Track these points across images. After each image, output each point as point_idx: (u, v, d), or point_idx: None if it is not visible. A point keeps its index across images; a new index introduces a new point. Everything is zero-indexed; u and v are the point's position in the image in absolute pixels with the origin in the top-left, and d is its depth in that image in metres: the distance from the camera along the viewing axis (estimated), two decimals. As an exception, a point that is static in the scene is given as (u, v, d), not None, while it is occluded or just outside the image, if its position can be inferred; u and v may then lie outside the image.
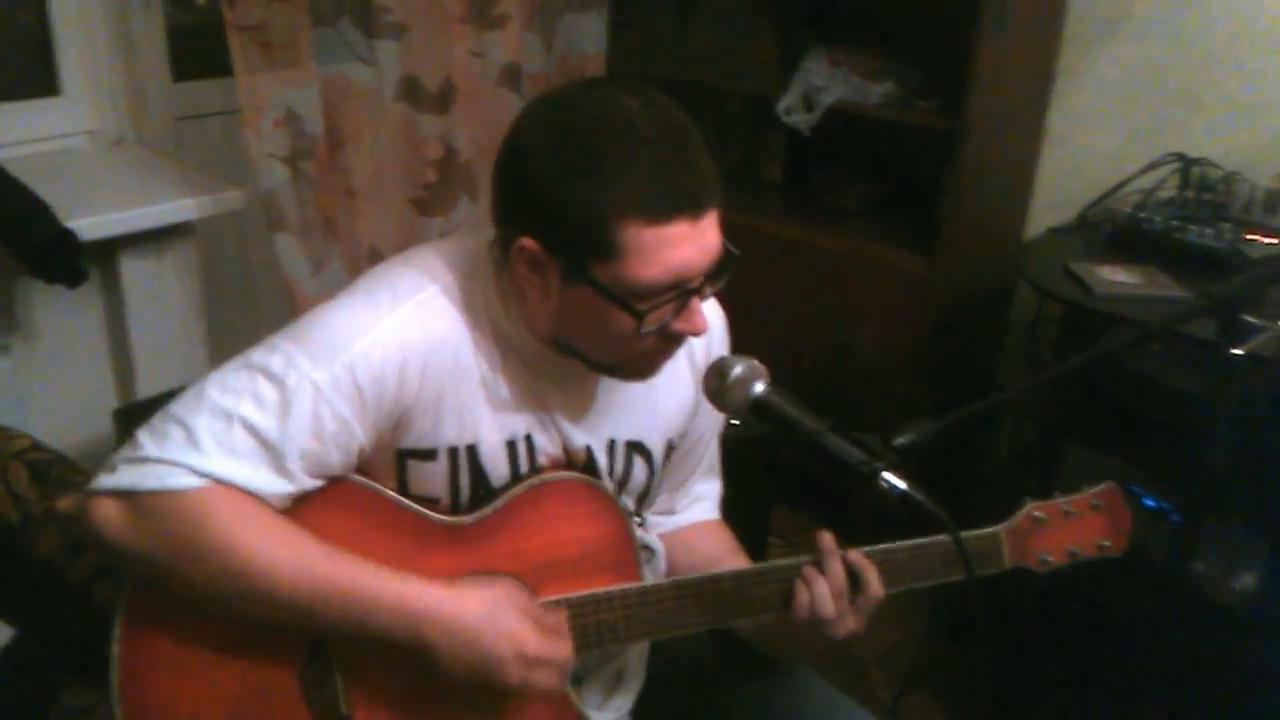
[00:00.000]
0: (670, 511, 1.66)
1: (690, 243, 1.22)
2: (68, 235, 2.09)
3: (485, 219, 2.69)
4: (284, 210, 2.34)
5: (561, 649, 1.31)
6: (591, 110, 1.23)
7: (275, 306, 2.90)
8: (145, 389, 2.39)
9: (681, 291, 1.25)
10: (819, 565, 1.39)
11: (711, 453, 1.66)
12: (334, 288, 2.41)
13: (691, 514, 1.67)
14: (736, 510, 1.72)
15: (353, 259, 2.54)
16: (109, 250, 2.28)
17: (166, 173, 2.44)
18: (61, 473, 1.88)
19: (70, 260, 2.12)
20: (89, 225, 2.14)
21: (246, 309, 2.92)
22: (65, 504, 1.80)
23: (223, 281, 2.83)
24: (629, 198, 1.18)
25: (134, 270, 2.34)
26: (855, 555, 1.39)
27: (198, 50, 2.71)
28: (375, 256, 2.59)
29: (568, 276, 1.24)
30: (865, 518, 2.75)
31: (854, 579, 1.39)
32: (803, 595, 1.38)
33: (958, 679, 2.63)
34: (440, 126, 2.61)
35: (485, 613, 1.27)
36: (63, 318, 2.34)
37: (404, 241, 2.62)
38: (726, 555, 1.60)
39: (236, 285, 2.91)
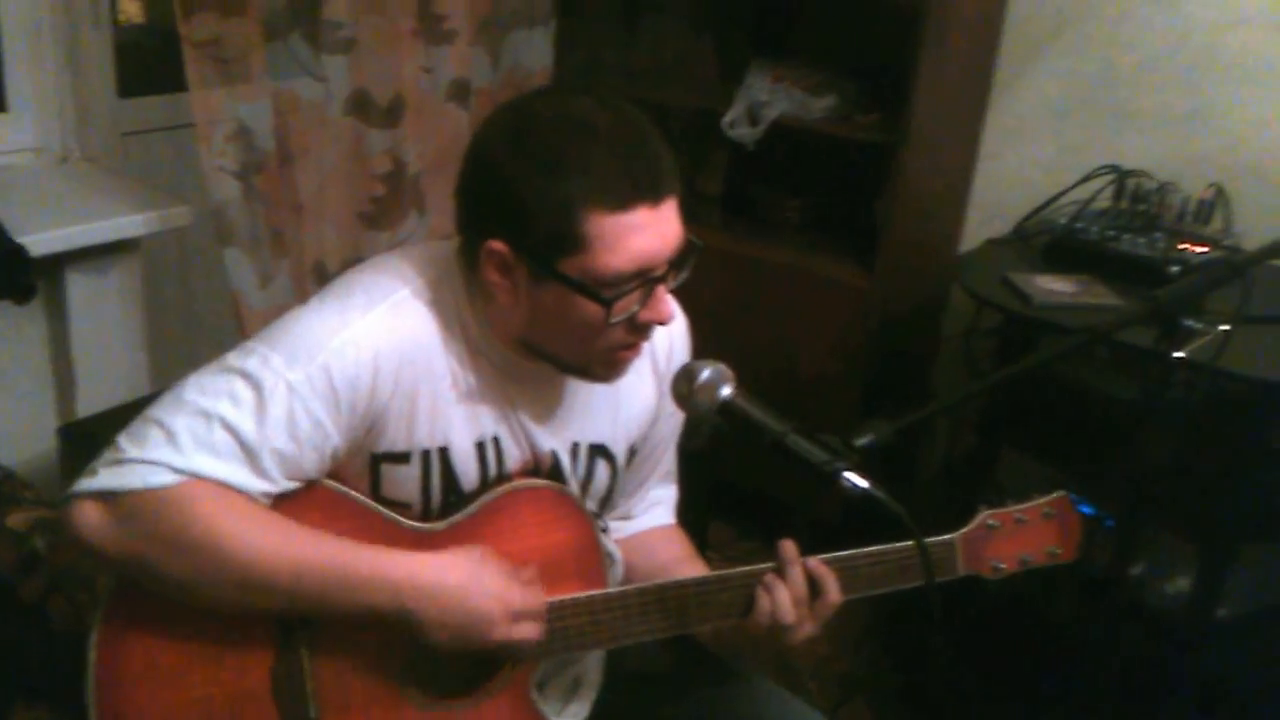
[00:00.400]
0: (628, 516, 1.69)
1: (651, 228, 1.25)
2: (18, 251, 2.08)
3: (434, 233, 2.70)
4: (234, 224, 2.33)
5: (540, 599, 1.35)
6: (549, 110, 1.28)
7: (216, 322, 2.88)
8: (88, 406, 2.36)
9: (646, 280, 1.28)
10: (780, 572, 1.42)
11: (669, 459, 1.69)
12: (281, 301, 2.43)
13: (649, 519, 1.70)
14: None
15: (299, 273, 2.53)
16: (53, 267, 2.25)
17: (112, 189, 2.42)
18: (10, 489, 1.91)
19: (20, 276, 2.11)
20: (36, 241, 2.12)
21: (188, 325, 2.90)
22: (15, 520, 1.81)
23: (164, 297, 2.81)
24: (590, 188, 1.22)
25: (79, 286, 2.32)
26: (815, 563, 1.43)
27: (143, 66, 2.71)
28: (321, 270, 2.58)
29: (536, 275, 1.27)
30: (803, 533, 2.79)
31: (813, 586, 1.42)
32: (764, 601, 1.41)
33: (891, 689, 2.67)
34: (389, 140, 2.61)
35: (467, 573, 1.31)
36: (5, 335, 2.31)
37: (351, 255, 2.62)
38: (685, 560, 1.63)
39: (178, 301, 2.88)
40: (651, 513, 1.70)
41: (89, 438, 2.17)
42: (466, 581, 1.30)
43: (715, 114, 2.96)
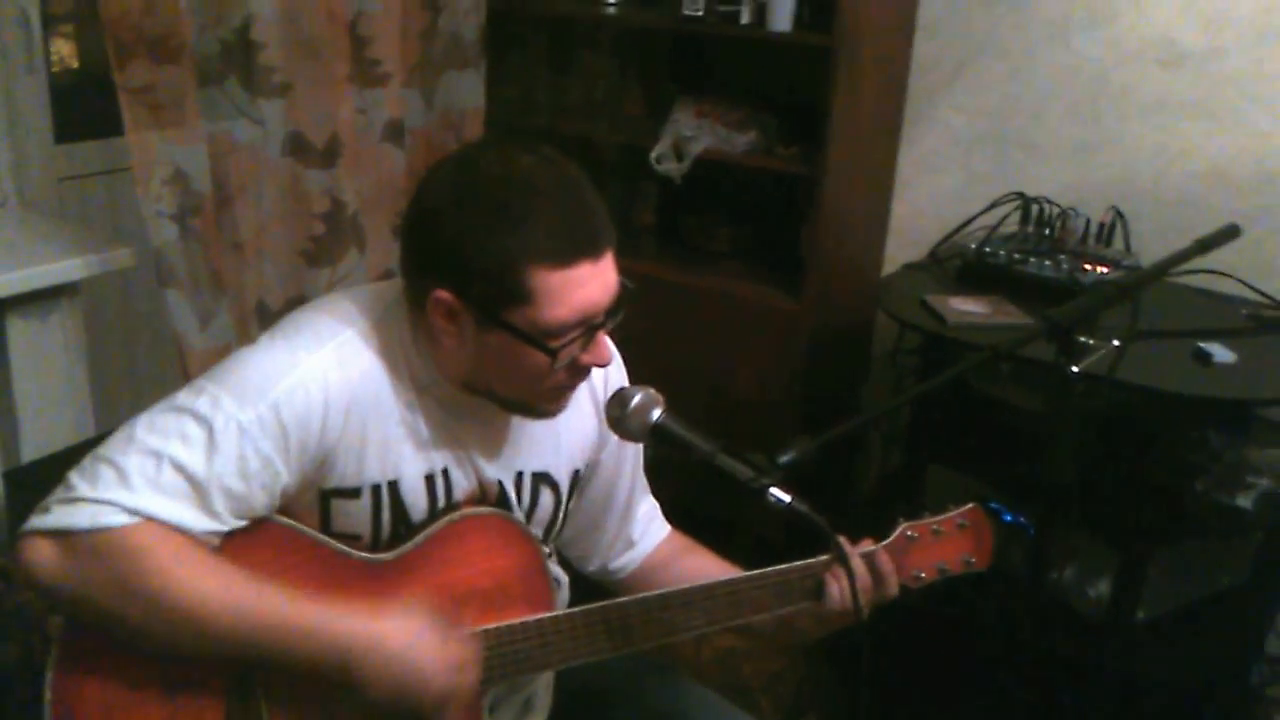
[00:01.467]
0: (630, 544, 1.72)
1: (593, 282, 1.30)
2: None
3: (373, 268, 2.73)
4: (173, 266, 2.33)
5: (476, 652, 1.37)
6: (491, 168, 1.31)
7: (158, 363, 2.89)
8: (32, 450, 2.33)
9: (588, 328, 1.32)
10: (843, 563, 1.42)
11: (640, 479, 1.72)
12: (223, 341, 2.43)
13: (650, 537, 1.73)
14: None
15: (240, 312, 2.54)
16: None
17: (51, 233, 2.42)
18: None
19: None
20: None
21: (130, 366, 2.89)
22: None
23: (106, 340, 2.81)
24: (534, 245, 1.26)
25: (20, 331, 2.30)
26: (884, 557, 1.50)
27: (78, 111, 2.71)
28: (263, 309, 2.60)
29: (482, 323, 1.31)
30: (747, 549, 2.86)
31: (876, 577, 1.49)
32: (834, 590, 1.46)
33: (840, 702, 2.69)
34: (327, 180, 2.63)
35: (409, 636, 1.31)
36: None
37: (294, 293, 2.63)
38: (706, 562, 1.67)
39: (120, 343, 2.88)
40: (650, 530, 1.73)
41: (34, 482, 2.16)
42: (409, 643, 1.31)
43: (644, 149, 3.02)
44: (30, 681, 1.64)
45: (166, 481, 1.25)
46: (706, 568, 1.61)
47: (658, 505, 1.77)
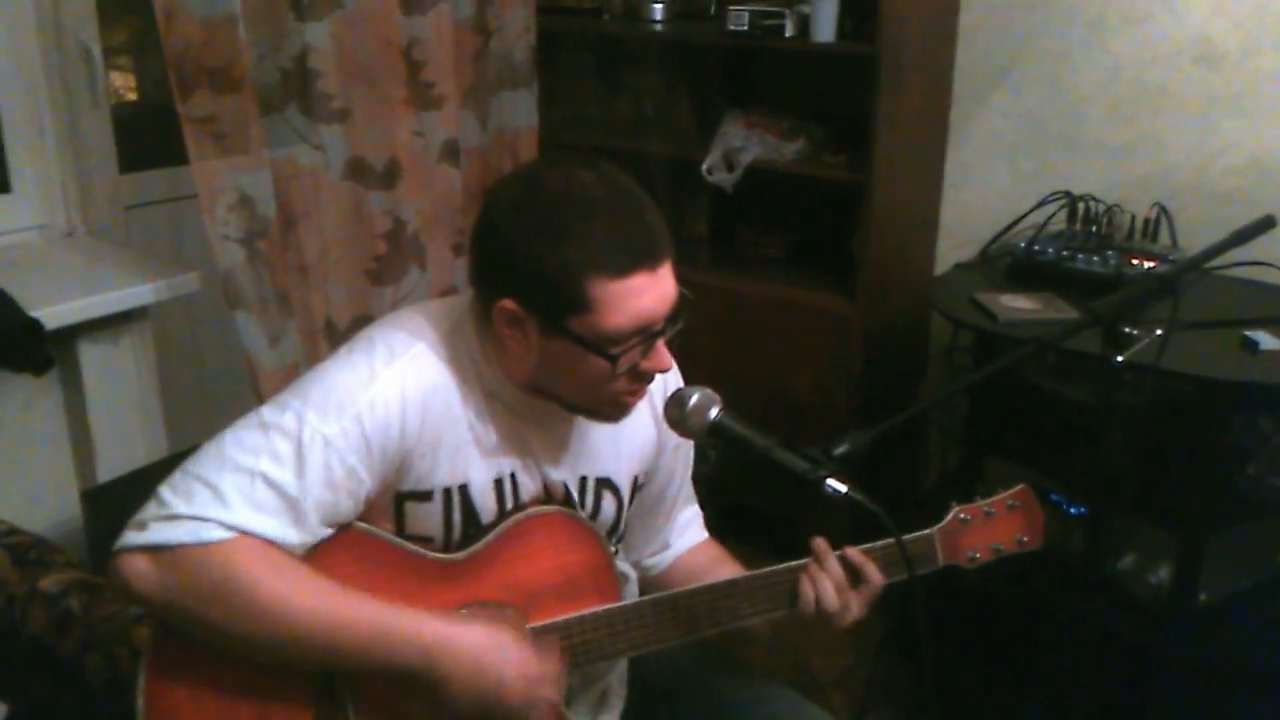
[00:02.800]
0: (666, 546, 1.77)
1: (651, 291, 1.36)
2: (33, 325, 2.12)
3: (435, 285, 2.77)
4: (241, 289, 2.37)
5: (558, 669, 1.42)
6: (553, 184, 1.36)
7: (227, 383, 2.93)
8: (108, 471, 2.39)
9: (647, 335, 1.38)
10: (819, 563, 1.50)
11: (687, 486, 1.77)
12: (291, 360, 2.48)
13: (684, 541, 1.78)
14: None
15: (308, 331, 2.59)
16: (67, 338, 2.29)
17: (119, 261, 2.46)
18: (40, 554, 1.92)
19: (37, 349, 2.15)
20: (50, 315, 2.16)
21: (200, 387, 2.92)
22: (47, 583, 1.84)
23: (176, 362, 2.86)
24: (593, 257, 1.32)
25: (92, 356, 2.36)
26: (853, 552, 1.51)
27: (139, 142, 2.76)
28: (330, 327, 2.64)
29: (546, 330, 1.37)
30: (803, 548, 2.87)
31: (854, 574, 1.50)
32: (807, 591, 1.49)
33: (912, 695, 2.69)
34: (388, 201, 2.67)
35: (492, 643, 1.37)
36: (23, 407, 2.35)
37: (358, 311, 2.68)
38: (721, 562, 1.72)
39: (189, 365, 2.92)
40: (686, 534, 1.78)
41: (112, 501, 2.22)
42: (492, 649, 1.36)
43: (694, 161, 3.06)
44: (115, 691, 1.72)
45: (260, 498, 1.31)
46: (724, 574, 1.63)
47: (700, 514, 1.82)
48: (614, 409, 1.47)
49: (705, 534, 1.81)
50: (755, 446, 1.40)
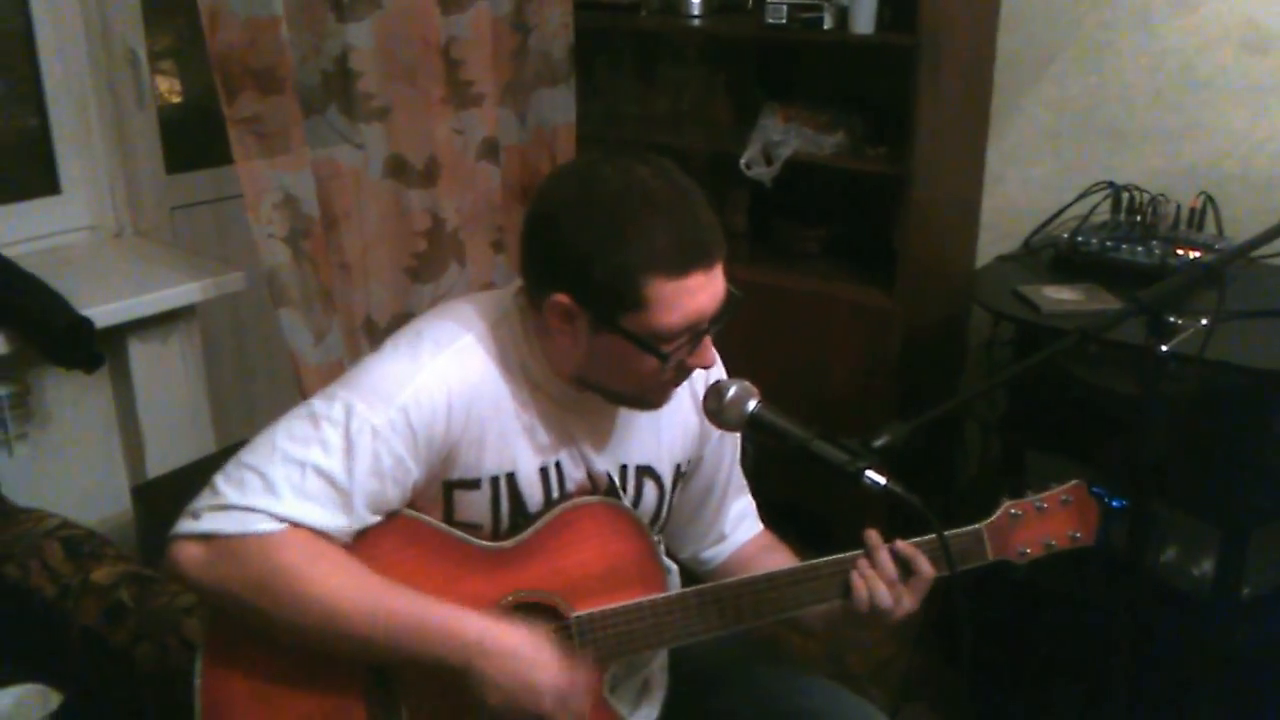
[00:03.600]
0: (722, 538, 1.77)
1: (704, 291, 1.37)
2: (85, 323, 2.18)
3: (474, 282, 2.79)
4: (286, 286, 2.41)
5: (591, 680, 1.43)
6: (611, 181, 1.37)
7: (273, 379, 2.97)
8: (157, 466, 2.44)
9: (695, 333, 1.39)
10: (870, 558, 1.49)
11: (736, 475, 1.77)
12: (335, 356, 2.51)
13: (740, 533, 1.78)
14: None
15: (350, 328, 2.61)
16: (116, 336, 2.34)
17: (166, 260, 2.52)
18: (93, 547, 1.98)
19: (88, 347, 2.20)
20: (99, 313, 2.22)
21: (246, 383, 2.96)
22: (99, 575, 1.90)
23: (222, 359, 2.90)
24: (650, 257, 1.33)
25: (141, 354, 2.41)
26: (902, 545, 1.49)
27: (183, 143, 2.80)
28: (371, 325, 2.67)
29: (596, 326, 1.38)
30: (849, 541, 2.86)
31: (904, 567, 1.49)
32: (860, 586, 1.48)
33: (950, 689, 2.68)
34: (427, 199, 2.69)
35: (532, 645, 1.39)
36: (75, 405, 2.40)
37: (400, 309, 2.70)
38: (775, 553, 1.72)
39: (235, 361, 2.96)
40: (742, 526, 1.78)
41: (161, 496, 2.27)
42: (532, 651, 1.38)
43: (733, 155, 3.05)
44: (166, 680, 1.75)
45: (310, 487, 1.34)
46: (783, 564, 1.63)
47: (754, 504, 1.81)
48: (654, 398, 1.49)
49: (760, 526, 1.81)
50: (794, 438, 1.41)
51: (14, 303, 2.16)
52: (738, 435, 1.72)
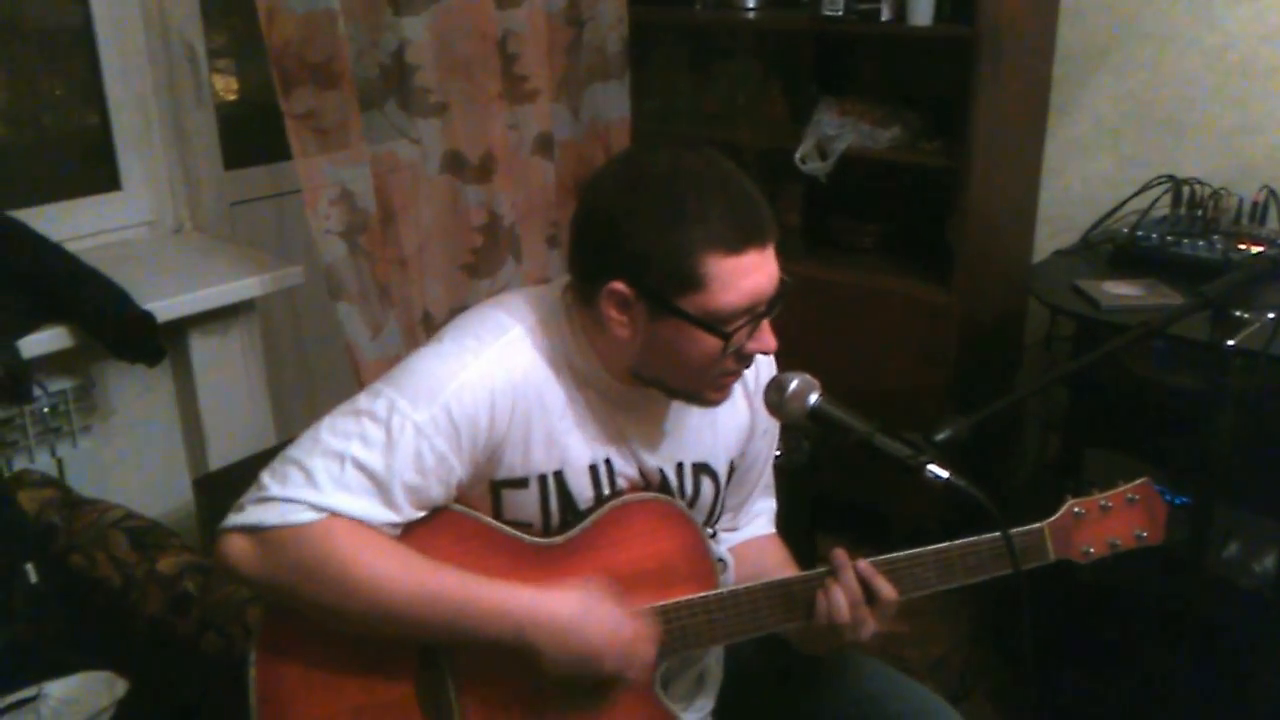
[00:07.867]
0: (733, 528, 1.76)
1: (761, 269, 1.36)
2: (147, 317, 2.19)
3: (529, 276, 2.80)
4: (343, 281, 2.43)
5: (653, 630, 1.43)
6: (659, 166, 1.38)
7: (331, 373, 2.99)
8: (218, 459, 2.46)
9: (754, 315, 1.38)
10: (835, 576, 1.48)
11: (767, 474, 1.77)
12: (393, 350, 2.53)
13: (751, 529, 1.77)
14: (782, 537, 1.81)
15: (408, 323, 2.63)
16: (177, 330, 2.36)
17: (226, 255, 2.53)
18: (157, 538, 2.00)
19: (150, 340, 2.22)
20: (161, 308, 2.23)
21: (305, 377, 2.99)
22: (164, 565, 1.92)
23: (281, 353, 2.92)
24: (709, 235, 1.33)
25: (202, 347, 2.43)
26: (864, 565, 1.47)
27: (242, 139, 2.83)
28: (428, 319, 2.68)
29: (655, 312, 1.37)
30: (905, 537, 2.86)
31: (865, 586, 1.47)
32: (821, 603, 1.48)
33: (1006, 682, 2.69)
34: (483, 195, 2.70)
35: (580, 609, 1.39)
36: (137, 398, 2.42)
37: (457, 304, 2.71)
38: (784, 564, 1.70)
39: (294, 355, 2.98)
40: (754, 524, 1.78)
41: (223, 488, 2.29)
42: (581, 616, 1.38)
43: (787, 151, 3.04)
44: (231, 667, 1.78)
45: (350, 480, 1.35)
46: (777, 570, 1.62)
47: (774, 509, 1.81)
48: (714, 393, 1.48)
49: (773, 529, 1.80)
50: (856, 431, 1.40)
51: (78, 297, 2.18)
52: (776, 436, 1.72)
